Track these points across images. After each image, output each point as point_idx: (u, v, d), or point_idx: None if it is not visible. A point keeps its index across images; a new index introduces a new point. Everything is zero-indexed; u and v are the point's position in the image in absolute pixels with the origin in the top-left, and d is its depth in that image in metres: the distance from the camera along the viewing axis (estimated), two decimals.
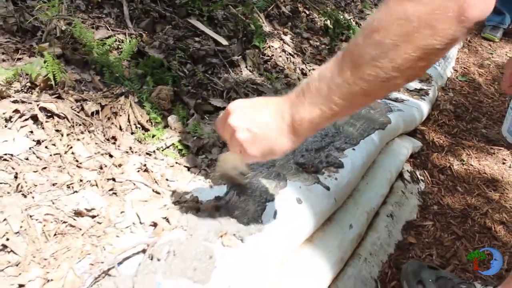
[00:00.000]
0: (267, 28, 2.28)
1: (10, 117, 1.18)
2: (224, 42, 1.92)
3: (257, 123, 0.80)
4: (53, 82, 1.27)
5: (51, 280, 0.90)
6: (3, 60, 1.36)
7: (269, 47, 2.12)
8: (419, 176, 1.90)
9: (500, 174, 2.01)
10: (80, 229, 1.01)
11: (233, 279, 0.97)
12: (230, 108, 0.84)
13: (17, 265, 0.91)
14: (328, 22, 2.63)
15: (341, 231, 1.35)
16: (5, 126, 1.17)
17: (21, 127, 1.18)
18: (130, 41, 1.63)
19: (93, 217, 1.04)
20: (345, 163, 1.42)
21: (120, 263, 0.94)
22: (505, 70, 1.20)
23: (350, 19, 2.82)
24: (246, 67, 1.91)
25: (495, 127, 2.37)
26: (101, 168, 1.17)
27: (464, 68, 3.05)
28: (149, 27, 1.80)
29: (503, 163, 2.09)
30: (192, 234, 1.04)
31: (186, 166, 1.30)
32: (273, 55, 2.10)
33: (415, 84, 2.38)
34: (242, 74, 1.87)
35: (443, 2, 0.56)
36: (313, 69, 2.18)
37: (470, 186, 1.91)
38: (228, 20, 2.13)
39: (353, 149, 1.51)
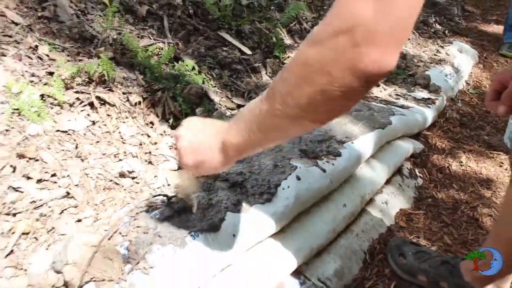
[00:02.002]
0: (288, 41, 2.55)
1: (73, 103, 1.50)
2: (248, 51, 2.21)
3: (197, 138, 0.88)
4: (106, 78, 1.58)
5: (100, 218, 1.19)
6: (68, 61, 1.69)
7: (288, 57, 2.39)
8: (417, 173, 2.10)
9: (495, 175, 2.17)
10: (123, 186, 1.30)
11: (239, 230, 1.23)
12: (183, 122, 0.94)
13: (75, 207, 1.21)
14: None
15: (336, 208, 1.58)
16: (69, 110, 1.49)
17: (81, 110, 1.49)
18: (168, 48, 1.94)
19: (133, 178, 1.33)
20: (343, 153, 1.66)
21: (149, 211, 1.22)
22: (490, 85, 1.14)
23: None
24: (266, 73, 2.19)
25: (498, 134, 2.53)
26: (140, 144, 1.47)
27: (477, 81, 3.21)
28: (184, 38, 2.11)
29: (500, 166, 2.25)
30: (209, 197, 1.31)
31: None
32: None
33: (423, 94, 2.59)
34: (262, 79, 2.14)
35: (339, 53, 0.57)
36: None
37: (465, 184, 2.09)
38: (254, 33, 2.42)
39: (352, 143, 1.74)
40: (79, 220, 1.17)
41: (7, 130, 1.32)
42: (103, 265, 1.02)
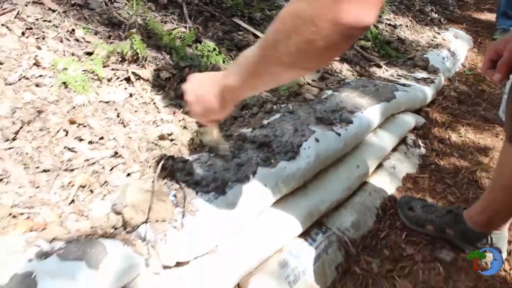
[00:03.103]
0: None
1: (111, 78, 1.63)
2: (261, 35, 2.33)
3: (201, 89, 0.98)
4: (140, 56, 1.71)
5: (147, 173, 1.32)
6: (101, 43, 1.81)
7: None
8: (420, 144, 2.23)
9: (492, 145, 2.30)
10: (163, 147, 1.43)
11: (269, 182, 1.36)
12: (188, 77, 1.05)
13: (124, 164, 1.33)
14: None
15: (350, 169, 1.71)
16: (108, 84, 1.61)
17: (119, 84, 1.62)
18: (190, 32, 2.07)
19: (171, 140, 1.46)
20: (354, 121, 1.78)
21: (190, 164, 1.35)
22: (486, 54, 1.20)
23: None
24: None
25: (493, 110, 2.66)
26: (174, 113, 1.60)
27: (472, 64, 3.34)
28: (203, 23, 2.24)
29: (496, 136, 2.38)
30: (241, 154, 1.44)
31: (234, 116, 1.70)
32: None
33: (422, 74, 2.72)
34: None
35: (324, 6, 0.63)
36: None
37: (465, 152, 2.22)
38: (264, 20, 2.55)
39: (361, 112, 1.87)
40: (129, 174, 1.30)
41: (57, 101, 1.44)
42: (157, 207, 1.15)
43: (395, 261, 1.50)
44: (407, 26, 3.57)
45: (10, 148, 1.24)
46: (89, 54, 1.69)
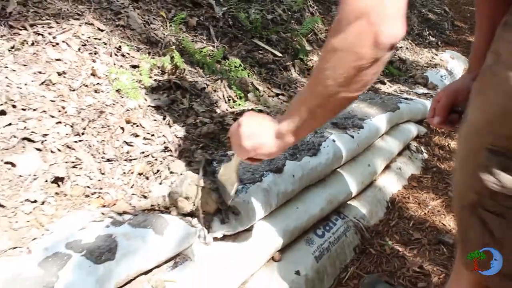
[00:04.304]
0: (308, 48, 2.93)
1: (155, 87, 1.86)
2: (279, 54, 2.58)
3: (256, 125, 0.98)
4: (179, 69, 1.94)
5: (192, 165, 1.53)
6: (145, 58, 2.05)
7: (310, 60, 2.76)
8: (423, 150, 2.45)
9: None
10: (205, 143, 1.64)
11: (296, 173, 1.56)
12: (245, 113, 1.04)
13: (171, 156, 1.54)
14: None
15: (362, 166, 1.92)
16: (153, 92, 1.84)
17: (162, 92, 1.85)
18: (218, 50, 2.32)
19: (211, 138, 1.67)
20: (364, 126, 2.00)
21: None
22: (431, 104, 1.15)
23: None
24: (295, 71, 2.56)
25: None
26: (211, 117, 1.82)
27: None
28: (228, 43, 2.49)
29: None
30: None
31: None
32: (313, 65, 2.74)
33: (422, 90, 2.96)
34: (292, 75, 2.51)
35: (360, 36, 0.68)
36: None
37: None
38: (280, 41, 2.80)
39: (370, 120, 2.09)
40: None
41: (113, 104, 1.67)
42: (205, 196, 1.35)
43: (405, 244, 1.69)
44: (407, 48, 3.83)
45: (80, 141, 1.46)
46: (135, 67, 1.92)
